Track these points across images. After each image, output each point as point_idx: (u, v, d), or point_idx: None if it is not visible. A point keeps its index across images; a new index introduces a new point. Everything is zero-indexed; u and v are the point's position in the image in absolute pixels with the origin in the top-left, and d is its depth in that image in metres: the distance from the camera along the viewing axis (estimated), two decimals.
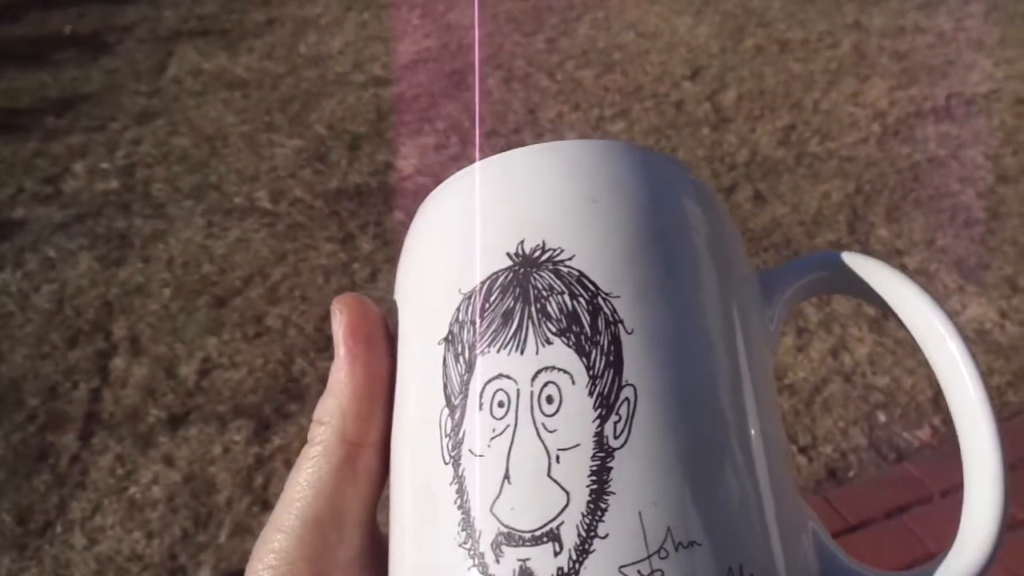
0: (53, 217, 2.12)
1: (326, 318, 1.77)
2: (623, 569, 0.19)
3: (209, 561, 1.32)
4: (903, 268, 1.63)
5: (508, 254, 0.23)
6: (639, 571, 0.19)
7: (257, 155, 2.34)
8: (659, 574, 0.19)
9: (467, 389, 0.22)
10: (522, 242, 0.23)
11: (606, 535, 0.20)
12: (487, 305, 0.22)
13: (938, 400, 1.50)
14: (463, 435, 0.22)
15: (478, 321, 0.22)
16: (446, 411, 0.22)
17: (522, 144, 1.54)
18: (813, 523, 0.24)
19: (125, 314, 1.82)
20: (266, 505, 1.40)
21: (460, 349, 0.22)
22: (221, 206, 2.14)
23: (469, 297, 0.23)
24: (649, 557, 0.19)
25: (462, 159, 2.26)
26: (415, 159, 2.28)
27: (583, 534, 0.20)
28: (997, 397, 1.50)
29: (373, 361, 0.25)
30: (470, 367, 0.22)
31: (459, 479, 0.21)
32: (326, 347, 1.70)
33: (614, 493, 0.20)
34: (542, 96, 2.53)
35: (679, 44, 2.74)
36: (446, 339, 0.23)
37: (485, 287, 0.23)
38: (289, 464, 1.47)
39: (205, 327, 1.78)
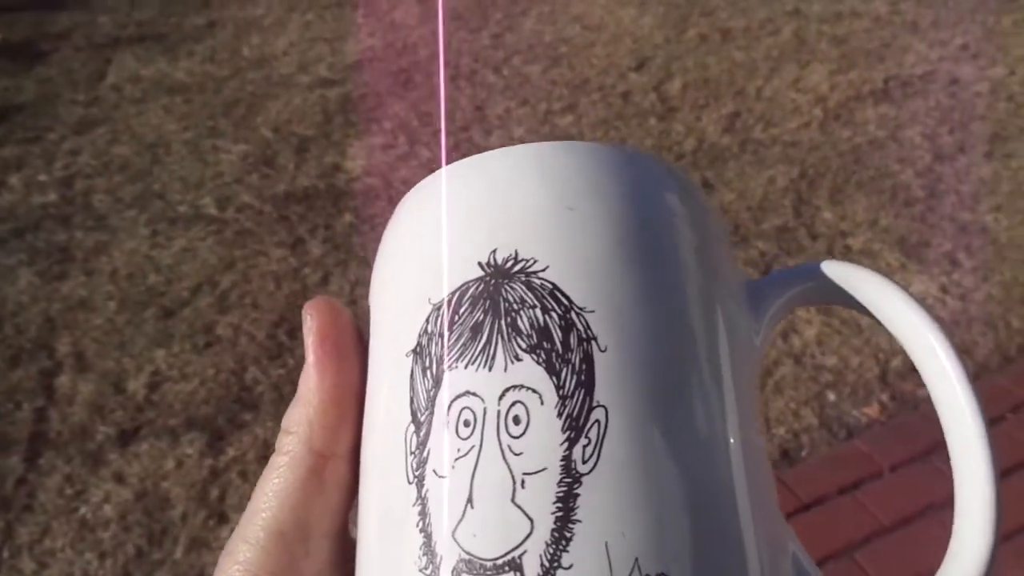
0: None
1: (278, 325, 1.75)
2: None
3: None
4: (847, 249, 1.66)
5: (480, 264, 0.22)
6: None
7: (201, 161, 2.30)
8: None
9: (433, 405, 0.21)
10: (494, 251, 0.22)
11: (570, 566, 0.19)
12: (456, 317, 0.21)
13: (885, 377, 1.54)
14: (428, 454, 0.21)
15: (446, 334, 0.21)
16: (412, 427, 0.21)
17: (470, 142, 1.54)
18: (794, 545, 0.23)
19: (69, 330, 1.78)
20: (222, 518, 1.38)
21: (428, 363, 0.22)
22: (165, 215, 2.10)
23: (438, 308, 0.22)
24: None
25: (411, 158, 2.24)
26: (363, 160, 2.26)
27: (546, 564, 0.19)
28: None
29: (343, 370, 0.24)
30: (437, 382, 0.21)
31: (422, 500, 0.20)
32: (279, 354, 1.68)
33: (580, 521, 0.19)
34: (489, 92, 2.52)
35: (624, 36, 2.75)
36: (414, 351, 0.22)
37: (455, 298, 0.22)
38: (245, 475, 1.45)
39: (153, 339, 1.74)
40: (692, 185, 0.25)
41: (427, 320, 0.22)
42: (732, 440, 0.21)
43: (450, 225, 0.23)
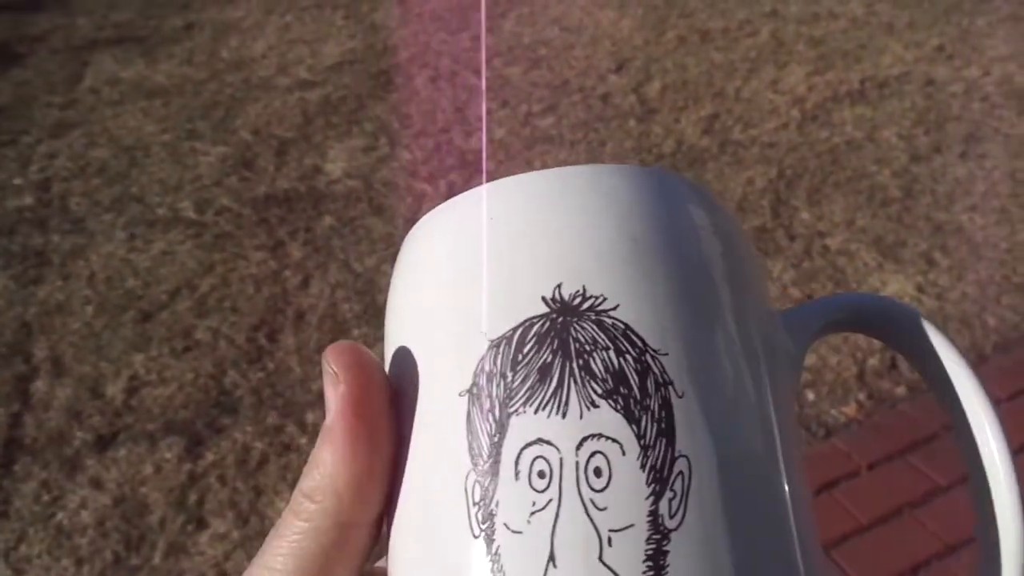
0: None
1: (258, 328, 1.74)
2: None
3: None
4: (825, 249, 1.67)
5: (544, 299, 0.20)
6: None
7: (180, 164, 2.28)
8: None
9: (499, 453, 0.20)
10: (559, 286, 0.20)
11: None
12: (520, 356, 0.20)
13: (862, 376, 1.55)
14: (496, 506, 0.19)
15: (509, 375, 0.20)
16: (473, 475, 0.20)
17: (451, 144, 1.53)
18: None
19: (45, 334, 1.76)
20: (201, 523, 1.38)
21: (488, 405, 0.20)
22: (144, 218, 2.09)
23: (498, 345, 0.20)
24: None
25: (391, 160, 2.24)
26: (344, 162, 2.25)
27: None
28: (915, 370, 1.55)
29: (377, 440, 0.22)
30: (502, 428, 0.20)
31: (494, 557, 0.19)
32: (258, 358, 1.67)
33: None
34: (470, 94, 2.52)
35: (603, 37, 2.76)
36: (470, 392, 0.20)
37: (518, 335, 0.20)
38: (224, 479, 1.45)
39: (131, 343, 1.73)
40: (734, 217, 0.25)
41: (483, 358, 0.20)
42: (789, 483, 0.21)
43: (506, 251, 0.21)
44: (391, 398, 0.23)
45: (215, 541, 1.34)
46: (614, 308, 0.20)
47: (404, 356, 0.23)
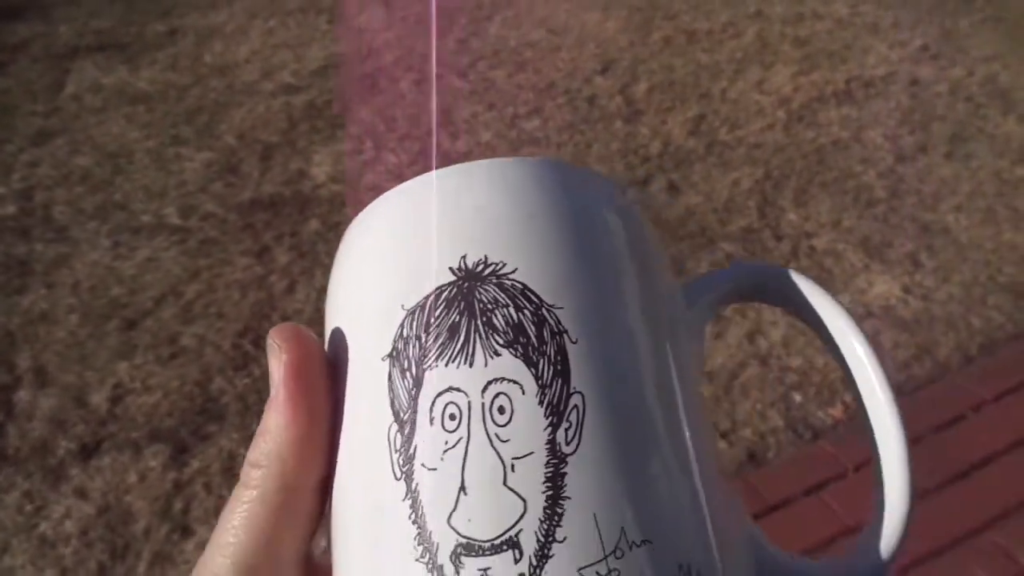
0: None
1: (243, 334, 1.73)
2: (582, 571, 0.20)
3: None
4: (812, 250, 1.67)
5: (451, 269, 0.23)
6: (597, 572, 0.20)
7: (164, 170, 2.27)
8: (616, 573, 0.20)
9: (416, 404, 0.22)
10: (464, 256, 0.23)
11: (564, 539, 0.20)
12: (433, 319, 0.22)
13: None
14: (414, 450, 0.21)
15: (423, 336, 0.22)
16: (395, 427, 0.22)
17: (437, 147, 1.52)
18: (749, 525, 0.25)
19: (29, 344, 1.74)
20: (186, 531, 1.36)
21: (406, 365, 0.22)
22: (128, 225, 2.07)
23: (413, 312, 0.23)
24: (606, 558, 0.20)
25: (377, 164, 2.23)
26: (329, 166, 2.24)
27: (542, 539, 0.20)
28: (903, 370, 1.56)
29: (315, 405, 0.24)
30: (418, 382, 0.22)
31: (412, 494, 0.21)
32: (244, 364, 1.66)
33: (569, 498, 0.20)
34: (455, 97, 2.52)
35: (589, 39, 2.76)
36: (390, 355, 0.23)
37: (429, 302, 0.22)
38: (209, 487, 1.43)
39: (116, 352, 1.71)
40: (629, 198, 0.27)
41: (402, 325, 0.23)
42: (684, 419, 0.23)
43: (419, 234, 0.24)
44: (328, 369, 0.25)
45: (201, 549, 1.33)
46: (513, 271, 0.22)
47: (338, 333, 0.25)
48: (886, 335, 1.62)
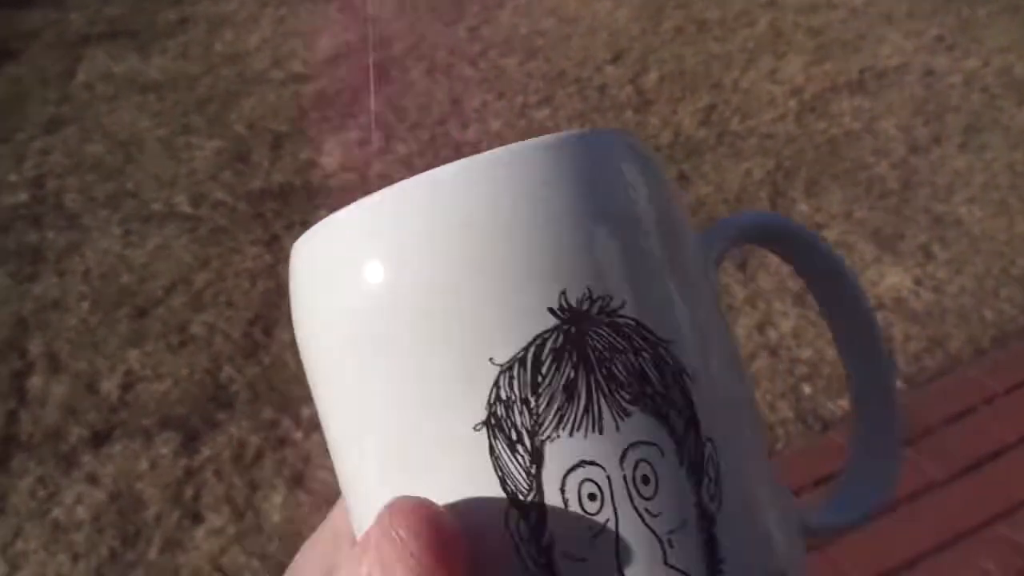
0: None
1: (253, 323, 1.74)
2: None
3: None
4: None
5: (551, 310, 0.19)
6: None
7: (175, 159, 2.28)
8: None
9: (540, 484, 0.19)
10: (563, 293, 0.19)
11: None
12: (541, 378, 0.19)
13: None
14: (550, 537, 0.19)
15: (531, 399, 0.19)
16: (515, 513, 0.19)
17: (447, 135, 1.52)
18: (791, 500, 0.25)
19: (41, 330, 1.75)
20: (197, 518, 1.37)
21: (515, 436, 0.19)
22: (139, 213, 2.08)
23: (510, 368, 0.19)
24: None
25: (387, 153, 2.23)
26: (339, 155, 2.24)
27: None
28: (914, 362, 1.55)
29: None
30: (537, 457, 0.19)
31: None
32: (254, 352, 1.67)
33: (724, 560, 0.19)
34: (465, 85, 2.51)
35: (600, 28, 2.75)
36: (487, 423, 0.19)
37: (529, 353, 0.19)
38: (220, 474, 1.44)
39: (127, 339, 1.72)
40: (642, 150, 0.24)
41: (496, 385, 0.19)
42: (761, 428, 0.23)
43: (504, 258, 0.19)
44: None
45: (211, 536, 1.34)
46: (621, 306, 0.19)
47: (366, 396, 0.20)
48: (897, 327, 1.61)
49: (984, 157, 2.03)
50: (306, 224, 1.70)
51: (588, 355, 0.19)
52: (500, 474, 0.19)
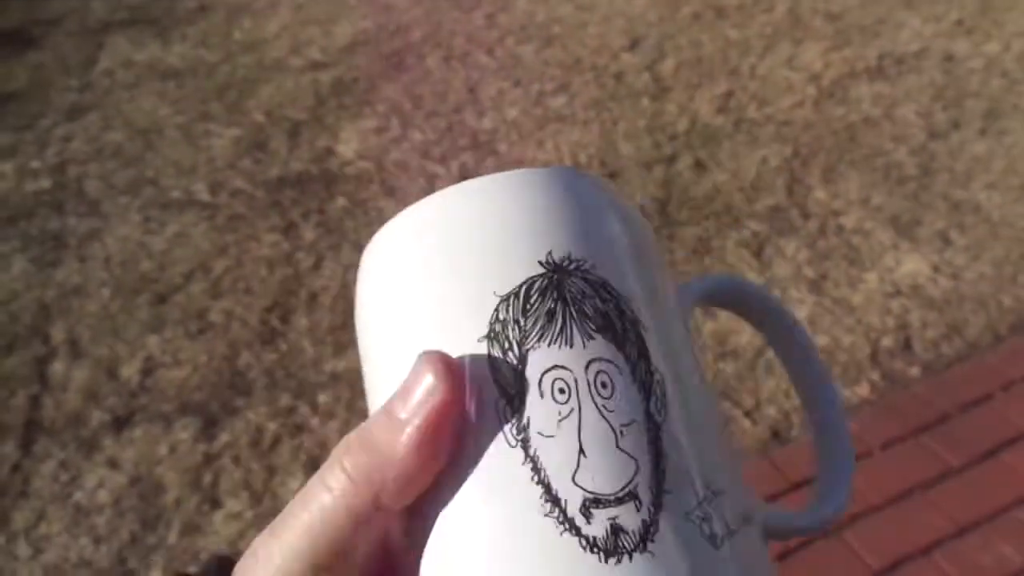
0: None
1: (271, 310, 1.76)
2: (688, 516, 0.24)
3: (159, 563, 1.31)
4: (840, 228, 1.65)
5: (540, 262, 0.26)
6: (697, 516, 0.24)
7: (194, 146, 2.29)
8: (708, 516, 0.24)
9: (523, 380, 0.24)
10: (550, 252, 0.26)
11: (670, 491, 0.24)
12: (528, 306, 0.25)
13: (875, 356, 1.54)
14: (528, 420, 0.24)
15: (522, 319, 0.25)
16: (502, 401, 0.24)
17: (463, 123, 1.53)
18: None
19: (63, 316, 1.78)
20: (215, 503, 1.39)
21: (507, 345, 0.25)
22: (158, 200, 2.10)
23: (507, 299, 0.25)
24: (700, 504, 0.24)
25: (403, 142, 2.24)
26: (356, 143, 2.25)
27: (654, 492, 0.24)
28: (932, 349, 1.54)
29: (443, 446, 0.24)
30: (522, 360, 0.25)
31: (531, 459, 0.24)
32: (271, 339, 1.69)
33: (667, 457, 0.24)
34: (482, 73, 2.51)
35: (617, 15, 2.73)
36: (487, 336, 0.25)
37: (522, 289, 0.25)
38: (238, 460, 1.46)
39: (147, 325, 1.75)
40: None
41: (496, 309, 0.25)
42: (706, 386, 0.28)
43: (503, 229, 0.27)
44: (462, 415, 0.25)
45: (230, 520, 1.36)
46: (593, 267, 0.26)
47: (417, 319, 0.26)
48: (915, 314, 1.60)
49: (1004, 143, 2.01)
50: (323, 212, 1.71)
51: (566, 295, 0.25)
52: (490, 372, 0.25)
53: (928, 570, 1.21)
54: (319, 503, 0.24)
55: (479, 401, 0.25)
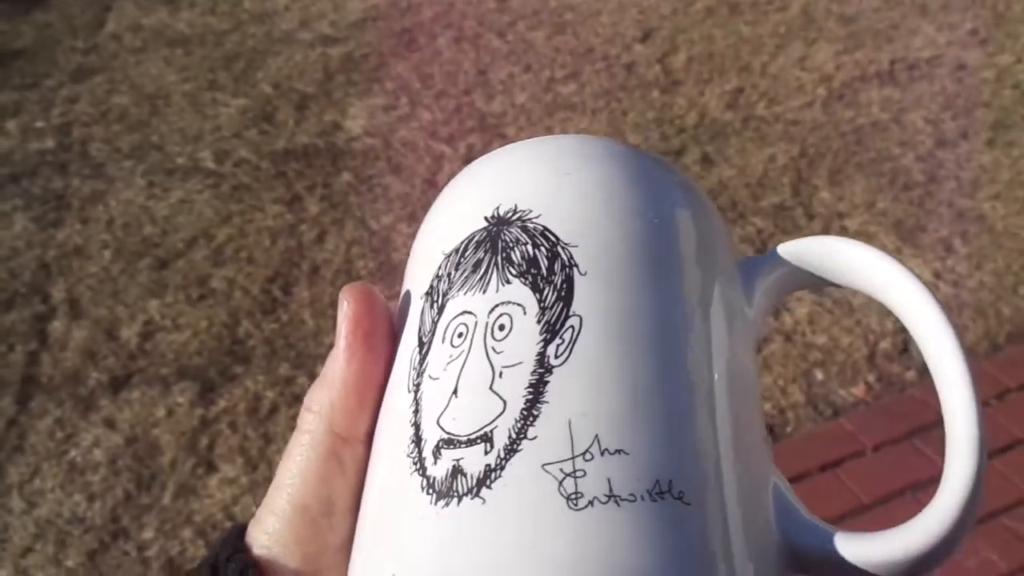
0: None
1: (273, 280, 1.76)
2: (546, 467, 0.21)
3: (152, 523, 1.32)
4: (843, 230, 1.66)
5: (485, 217, 0.25)
6: (561, 469, 0.20)
7: (200, 114, 2.28)
8: (581, 473, 0.20)
9: (435, 328, 0.24)
10: (498, 207, 0.25)
11: (535, 437, 0.21)
12: (462, 259, 0.25)
13: (873, 358, 1.55)
14: (426, 365, 0.24)
15: (453, 272, 0.25)
16: (416, 350, 0.24)
17: (472, 105, 1.53)
18: (776, 478, 0.24)
19: (63, 276, 1.78)
20: (211, 467, 1.40)
21: (435, 298, 0.25)
22: (163, 166, 2.09)
23: (448, 255, 0.25)
24: (573, 458, 0.21)
25: (411, 120, 2.23)
26: (363, 119, 2.25)
27: (513, 436, 0.21)
28: None
29: (371, 358, 0.25)
30: (440, 310, 0.24)
31: (416, 401, 0.23)
32: (272, 309, 1.69)
33: (547, 402, 0.21)
34: (493, 57, 2.50)
35: (630, 5, 2.73)
36: (427, 293, 0.25)
37: (463, 245, 0.25)
38: (235, 426, 1.47)
39: (147, 289, 1.74)
40: (680, 178, 0.28)
41: (439, 266, 0.25)
42: (707, 355, 0.24)
43: (467, 193, 0.27)
44: (389, 330, 0.26)
45: (224, 485, 1.37)
46: (537, 216, 0.24)
47: (404, 285, 0.28)
48: None
49: (1011, 154, 2.02)
50: (328, 186, 1.71)
51: (497, 245, 0.24)
52: (420, 325, 0.25)
53: None
54: (296, 443, 0.26)
55: (402, 354, 0.25)
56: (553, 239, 0.24)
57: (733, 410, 0.23)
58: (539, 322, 0.23)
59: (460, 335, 0.23)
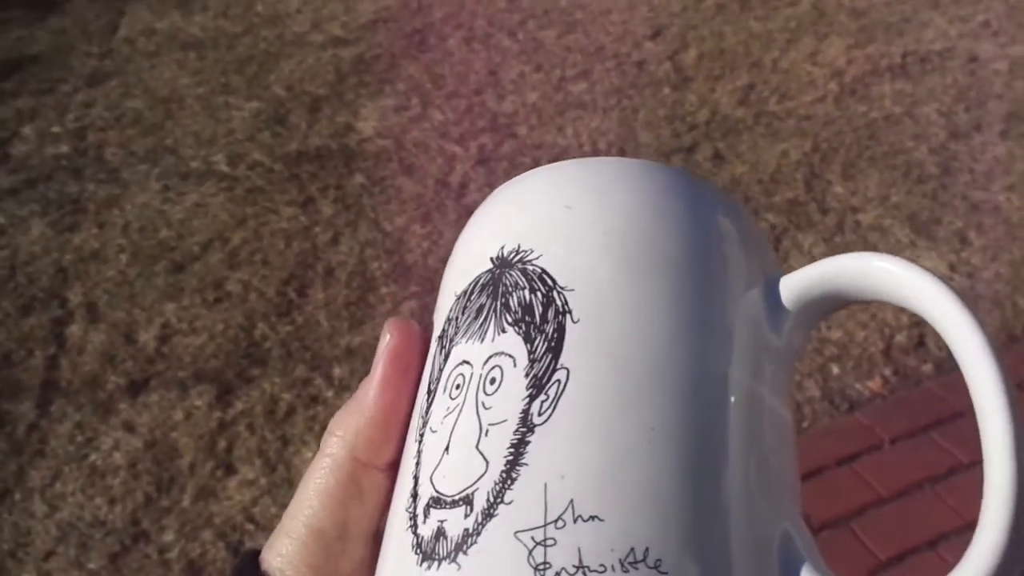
0: (2, 183, 2.07)
1: (288, 282, 1.77)
2: (518, 534, 0.20)
3: (173, 525, 1.33)
4: (857, 225, 1.66)
5: (491, 258, 0.25)
6: (532, 537, 0.20)
7: (214, 118, 2.30)
8: (551, 542, 0.20)
9: (440, 375, 0.24)
10: (503, 247, 0.25)
11: (511, 501, 0.20)
12: (468, 303, 0.25)
13: (888, 352, 1.54)
14: (429, 416, 0.24)
15: (459, 317, 0.25)
16: (426, 397, 0.25)
17: (483, 105, 1.53)
18: (789, 524, 0.22)
19: (80, 280, 1.79)
20: (230, 469, 1.41)
21: (444, 343, 0.25)
22: (177, 170, 2.11)
23: (459, 298, 0.25)
24: (545, 525, 0.20)
25: (423, 121, 2.24)
26: (376, 121, 2.25)
27: (491, 500, 0.21)
28: (945, 347, 1.54)
29: (403, 391, 0.26)
30: (447, 357, 0.24)
31: (419, 452, 0.23)
32: (287, 311, 1.70)
33: (526, 464, 0.21)
34: (503, 56, 2.50)
35: (640, 3, 2.73)
36: (439, 336, 0.25)
37: (470, 287, 0.25)
38: (252, 428, 1.48)
39: (164, 293, 1.76)
40: (715, 195, 0.26)
41: (450, 309, 0.25)
42: (713, 407, 0.22)
43: (478, 229, 0.27)
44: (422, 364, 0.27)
45: (243, 487, 1.38)
46: (537, 257, 0.24)
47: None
48: None
49: None
50: (341, 188, 1.72)
51: (498, 289, 0.24)
52: (431, 369, 0.25)
53: (932, 562, 1.22)
54: (317, 466, 0.26)
55: (418, 400, 0.25)
56: (550, 283, 0.23)
57: (738, 462, 0.22)
58: (527, 375, 0.22)
59: (458, 387, 0.23)
